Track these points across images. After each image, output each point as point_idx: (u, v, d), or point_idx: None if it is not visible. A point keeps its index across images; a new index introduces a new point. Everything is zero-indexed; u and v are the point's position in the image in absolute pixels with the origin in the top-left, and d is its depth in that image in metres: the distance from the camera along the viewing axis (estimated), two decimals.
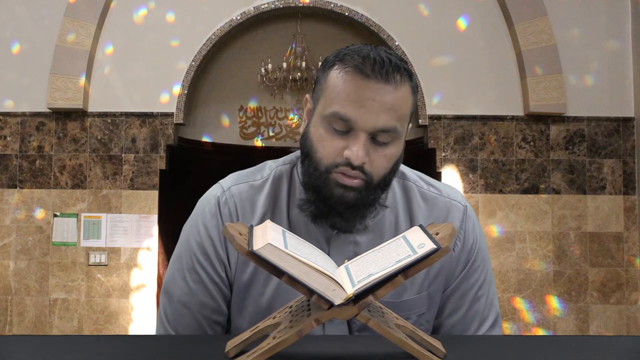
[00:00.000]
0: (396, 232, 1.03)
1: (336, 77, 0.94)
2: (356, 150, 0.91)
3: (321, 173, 0.95)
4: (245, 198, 1.04)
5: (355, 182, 0.93)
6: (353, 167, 0.92)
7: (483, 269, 1.08)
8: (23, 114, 4.29)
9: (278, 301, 1.00)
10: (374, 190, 0.95)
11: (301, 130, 1.02)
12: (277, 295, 1.01)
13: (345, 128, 0.93)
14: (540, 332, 4.16)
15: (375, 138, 0.93)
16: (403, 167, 1.10)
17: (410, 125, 1.01)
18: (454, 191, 1.11)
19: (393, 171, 0.98)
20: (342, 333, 1.02)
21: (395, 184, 1.06)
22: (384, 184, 0.97)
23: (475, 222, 1.10)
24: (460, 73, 4.32)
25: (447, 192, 1.10)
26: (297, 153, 1.07)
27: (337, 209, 0.95)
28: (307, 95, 1.04)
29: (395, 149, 0.96)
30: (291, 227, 1.02)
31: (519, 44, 4.23)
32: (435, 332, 1.09)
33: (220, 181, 1.09)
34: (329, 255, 1.00)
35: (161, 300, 1.07)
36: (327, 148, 0.94)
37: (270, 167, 1.08)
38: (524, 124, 4.29)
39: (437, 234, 0.74)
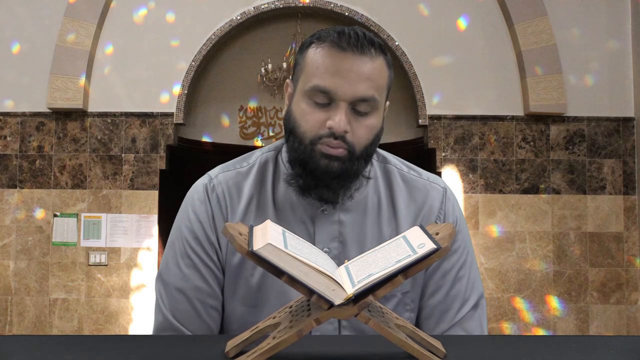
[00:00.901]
0: (378, 212, 1.07)
1: (314, 53, 0.99)
2: (338, 120, 0.95)
3: (306, 146, 0.98)
4: (232, 184, 1.08)
5: (339, 152, 0.97)
6: (335, 137, 0.96)
7: (464, 251, 1.10)
8: (23, 114, 4.29)
9: (268, 281, 1.03)
10: (357, 161, 0.99)
11: (283, 113, 1.06)
12: (266, 274, 1.03)
13: (326, 100, 0.97)
14: (540, 332, 4.16)
15: (355, 108, 0.97)
16: (385, 153, 1.14)
17: (388, 103, 1.06)
18: (435, 176, 1.14)
19: (374, 143, 1.01)
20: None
21: (376, 166, 1.11)
22: (366, 154, 1.00)
23: (455, 204, 1.12)
24: (460, 73, 4.32)
25: (427, 175, 1.13)
26: (282, 140, 1.10)
27: (324, 180, 0.99)
28: (288, 80, 1.08)
29: (376, 120, 1.00)
30: (276, 208, 1.06)
31: (519, 44, 4.23)
32: (419, 314, 1.10)
33: (209, 172, 1.12)
34: (314, 234, 1.04)
35: (157, 287, 1.09)
36: (309, 121, 0.98)
37: (256, 155, 1.12)
38: (524, 124, 4.30)
39: (437, 234, 0.74)
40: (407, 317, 1.07)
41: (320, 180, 0.99)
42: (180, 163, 4.52)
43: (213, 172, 1.11)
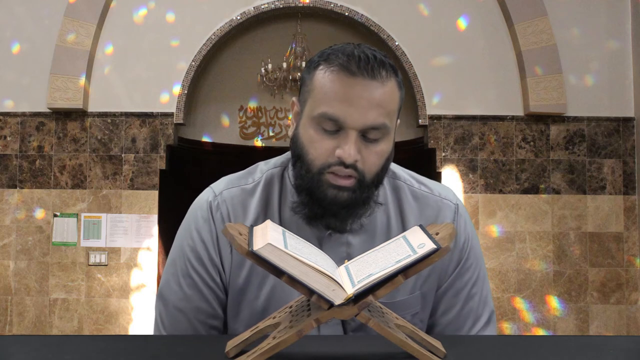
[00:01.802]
0: (388, 231, 1.04)
1: (322, 77, 0.94)
2: (348, 149, 0.91)
3: (314, 175, 0.95)
4: (237, 202, 1.04)
5: (349, 182, 0.94)
6: (346, 166, 0.92)
7: (476, 267, 1.08)
8: (23, 114, 4.29)
9: (273, 304, 1.00)
10: (367, 189, 0.96)
11: (290, 133, 1.02)
12: (271, 298, 1.01)
13: (335, 128, 0.93)
14: (540, 332, 4.16)
15: (365, 135, 0.93)
16: (394, 166, 1.10)
17: (399, 121, 1.02)
18: (446, 190, 1.11)
19: (385, 168, 0.98)
20: (337, 333, 1.02)
21: (385, 183, 1.06)
22: (377, 181, 0.97)
23: (467, 221, 1.10)
24: (460, 73, 4.32)
25: (438, 190, 1.09)
26: (288, 155, 1.07)
27: (331, 210, 0.96)
28: (294, 99, 1.03)
29: (386, 146, 0.96)
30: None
31: (519, 44, 4.23)
32: (429, 331, 1.09)
33: (212, 185, 1.09)
34: None
35: (157, 306, 1.07)
36: (318, 149, 0.94)
37: (261, 170, 1.08)
38: (524, 124, 4.29)
39: (437, 234, 0.74)
40: (419, 328, 1.06)
41: (328, 210, 0.96)
42: (180, 163, 4.52)
43: (217, 188, 1.07)
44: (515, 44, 4.28)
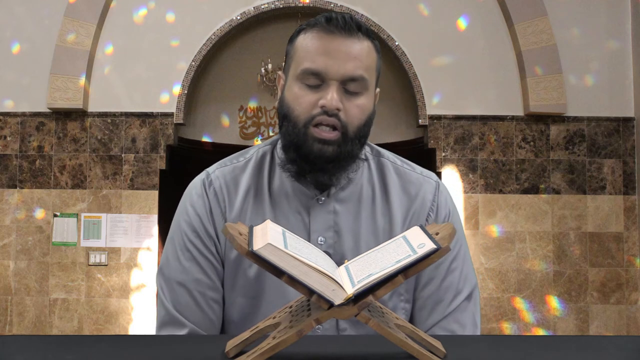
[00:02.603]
0: (373, 203, 1.09)
1: (303, 39, 1.03)
2: (330, 98, 0.98)
3: (300, 129, 1.00)
4: (230, 178, 1.10)
5: (333, 135, 0.99)
6: (329, 115, 0.98)
7: (457, 243, 1.10)
8: (23, 114, 4.29)
9: (265, 272, 1.03)
10: (351, 142, 1.01)
11: (277, 104, 1.08)
12: None
13: (317, 82, 1.00)
14: (540, 332, 4.16)
15: (346, 88, 1.00)
16: (379, 148, 1.16)
17: (379, 90, 1.08)
18: (428, 171, 1.16)
19: (367, 124, 1.03)
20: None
21: (371, 160, 1.12)
22: (360, 135, 1.02)
23: (447, 197, 1.14)
24: (460, 73, 4.32)
25: (420, 169, 1.15)
26: (278, 135, 1.13)
27: (318, 164, 1.01)
28: (280, 72, 1.10)
29: (367, 100, 1.02)
30: (272, 199, 1.07)
31: (519, 44, 4.23)
32: (412, 305, 1.11)
33: (207, 169, 1.15)
34: (310, 224, 1.05)
35: (158, 282, 1.10)
36: (302, 103, 1.00)
37: (253, 150, 1.15)
38: (524, 124, 4.30)
39: (437, 234, 0.74)
40: (402, 308, 1.08)
41: (315, 165, 1.01)
42: (180, 163, 4.52)
43: (211, 169, 1.13)
44: (515, 44, 4.28)
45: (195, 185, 1.12)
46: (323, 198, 1.06)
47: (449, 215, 1.11)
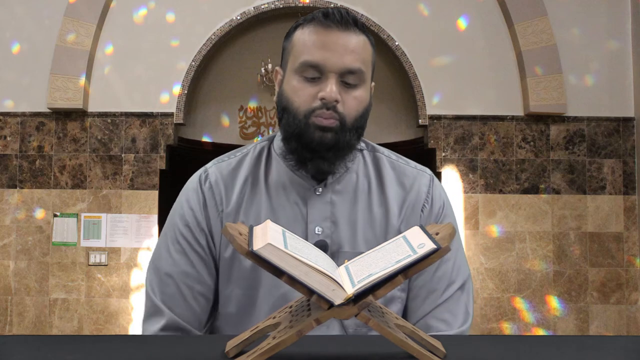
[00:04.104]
0: (369, 195, 1.12)
1: (301, 33, 1.05)
2: (329, 90, 1.00)
3: (300, 120, 1.03)
4: (226, 173, 1.12)
5: (331, 122, 1.02)
6: (328, 108, 1.01)
7: None
8: (23, 114, 4.29)
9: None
10: (348, 132, 1.03)
11: (275, 98, 1.11)
12: None
13: (316, 74, 1.02)
14: (540, 332, 4.16)
15: (344, 80, 1.02)
16: (374, 144, 1.19)
17: (374, 84, 1.12)
18: (422, 165, 1.19)
19: (364, 116, 1.06)
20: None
21: (366, 155, 1.16)
22: (357, 126, 1.05)
23: (442, 191, 1.17)
24: (460, 73, 4.32)
25: (414, 163, 1.19)
26: (275, 132, 1.17)
27: (319, 152, 1.03)
28: (277, 68, 1.13)
29: (364, 92, 1.05)
30: (269, 191, 1.09)
31: (519, 44, 4.23)
32: (407, 295, 1.12)
33: (205, 165, 1.18)
34: (307, 215, 1.07)
35: (148, 274, 1.12)
36: (302, 96, 1.03)
37: (250, 146, 1.18)
38: (524, 124, 4.30)
39: (437, 234, 0.74)
40: (398, 297, 1.10)
41: (316, 152, 1.03)
42: (181, 163, 4.52)
43: (208, 165, 1.16)
44: (515, 44, 4.28)
45: (191, 180, 1.15)
46: (320, 189, 1.09)
47: (443, 207, 1.14)
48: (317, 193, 1.09)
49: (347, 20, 1.03)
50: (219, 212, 1.09)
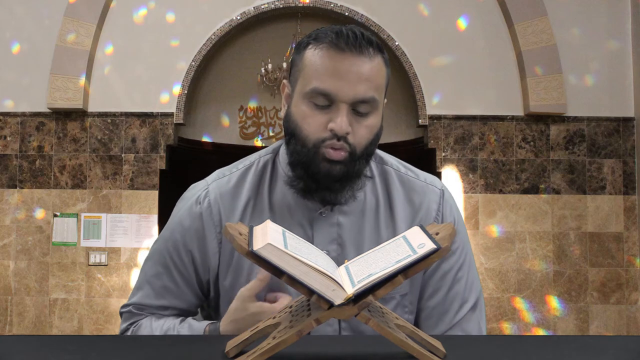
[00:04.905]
0: (376, 214, 1.08)
1: (312, 55, 0.98)
2: (340, 121, 0.95)
3: (309, 149, 0.98)
4: (226, 191, 1.08)
5: (341, 155, 0.97)
6: (338, 139, 0.96)
7: (462, 251, 1.10)
8: (23, 114, 4.29)
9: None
10: (358, 161, 0.99)
11: (282, 114, 1.06)
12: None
13: (326, 102, 0.97)
14: (540, 332, 4.16)
15: (355, 109, 0.97)
16: (382, 153, 1.14)
17: (386, 100, 1.06)
18: (431, 177, 1.15)
19: (374, 142, 1.02)
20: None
21: (374, 168, 1.10)
22: (367, 154, 1.01)
23: (452, 206, 1.13)
24: (460, 73, 4.32)
25: (424, 176, 1.13)
26: (280, 142, 1.12)
27: (325, 183, 0.99)
28: (284, 81, 1.07)
29: (375, 120, 1.00)
30: (273, 212, 1.06)
31: (519, 44, 4.23)
32: (417, 317, 1.11)
33: (207, 177, 1.14)
34: (313, 237, 1.04)
35: (142, 265, 1.14)
36: (311, 125, 0.98)
37: (254, 157, 1.13)
38: (524, 124, 4.29)
39: (437, 234, 0.74)
40: (405, 319, 1.07)
41: (322, 184, 0.99)
42: (180, 163, 4.52)
43: (210, 178, 1.12)
44: (515, 44, 4.28)
45: (189, 199, 1.11)
46: (326, 211, 1.05)
47: (454, 225, 1.11)
48: (324, 215, 1.05)
49: (361, 43, 0.96)
50: (216, 233, 1.07)
